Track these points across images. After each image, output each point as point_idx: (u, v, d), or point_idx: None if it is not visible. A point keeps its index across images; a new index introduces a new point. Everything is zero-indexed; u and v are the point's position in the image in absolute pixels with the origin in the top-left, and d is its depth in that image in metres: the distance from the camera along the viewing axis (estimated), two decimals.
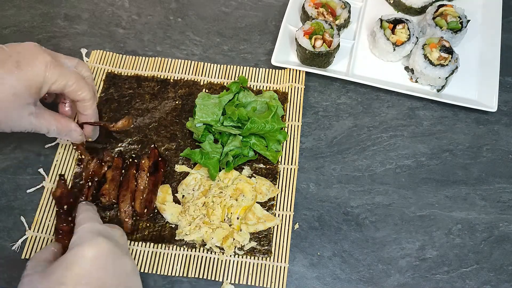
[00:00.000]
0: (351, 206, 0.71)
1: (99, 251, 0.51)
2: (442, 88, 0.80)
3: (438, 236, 0.69)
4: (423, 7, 0.86)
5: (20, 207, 0.70)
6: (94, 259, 0.50)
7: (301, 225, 0.70)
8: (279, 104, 0.76)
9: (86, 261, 0.50)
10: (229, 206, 0.68)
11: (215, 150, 0.71)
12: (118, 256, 0.53)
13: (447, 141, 0.77)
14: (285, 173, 0.73)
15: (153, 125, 0.76)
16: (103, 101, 0.78)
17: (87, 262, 0.50)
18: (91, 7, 0.89)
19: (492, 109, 0.77)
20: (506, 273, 0.67)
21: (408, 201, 0.72)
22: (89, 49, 0.84)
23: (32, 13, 0.87)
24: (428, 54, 0.78)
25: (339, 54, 0.81)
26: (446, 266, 0.67)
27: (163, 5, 0.90)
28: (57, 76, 0.59)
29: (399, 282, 0.66)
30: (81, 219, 0.58)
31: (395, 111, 0.80)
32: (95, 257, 0.51)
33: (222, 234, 0.66)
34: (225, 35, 0.87)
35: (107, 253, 0.52)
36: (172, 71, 0.82)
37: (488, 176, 0.74)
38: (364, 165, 0.75)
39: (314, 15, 0.82)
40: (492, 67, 0.81)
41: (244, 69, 0.82)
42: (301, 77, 0.81)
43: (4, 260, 0.66)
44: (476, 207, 0.72)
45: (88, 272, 0.50)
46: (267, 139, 0.73)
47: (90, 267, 0.50)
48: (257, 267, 0.66)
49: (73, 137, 0.66)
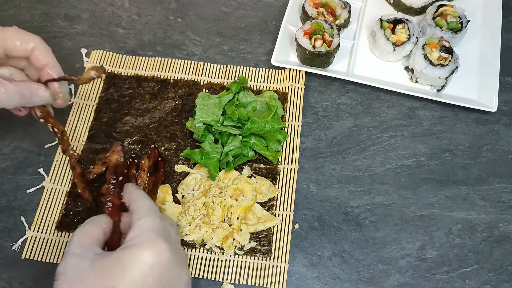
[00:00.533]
0: (351, 206, 0.71)
1: (159, 257, 0.47)
2: (442, 88, 0.80)
3: (438, 236, 0.69)
4: (423, 7, 0.86)
5: (20, 207, 0.70)
6: (152, 266, 0.46)
7: (301, 225, 0.70)
8: (279, 104, 0.76)
9: (144, 267, 0.46)
10: (229, 206, 0.68)
11: (215, 150, 0.71)
12: (176, 266, 0.49)
13: (447, 141, 0.77)
14: (285, 173, 0.73)
15: (153, 125, 0.76)
16: (103, 101, 0.78)
17: (145, 269, 0.46)
18: (91, 7, 0.89)
19: (492, 109, 0.77)
20: (506, 273, 0.67)
21: (408, 201, 0.72)
22: (89, 49, 0.84)
23: (32, 13, 0.87)
24: (428, 54, 0.78)
25: (339, 54, 0.81)
26: (446, 266, 0.67)
27: (163, 5, 0.90)
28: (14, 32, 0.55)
29: (399, 282, 0.66)
30: (139, 209, 0.52)
31: (395, 111, 0.80)
32: (154, 263, 0.46)
33: (222, 234, 0.66)
34: (225, 35, 0.87)
35: (166, 261, 0.47)
36: (172, 71, 0.82)
37: (488, 176, 0.74)
38: (364, 165, 0.75)
39: (314, 15, 0.82)
40: (492, 67, 0.81)
41: (244, 69, 0.82)
42: (301, 77, 0.81)
43: (4, 260, 0.66)
44: (476, 207, 0.72)
45: (144, 280, 0.45)
46: (267, 139, 0.73)
47: (147, 275, 0.45)
48: (257, 267, 0.66)
49: (41, 95, 0.56)
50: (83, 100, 0.78)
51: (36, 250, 0.66)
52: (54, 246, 0.67)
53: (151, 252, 0.46)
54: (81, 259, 0.47)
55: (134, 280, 0.45)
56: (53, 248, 0.67)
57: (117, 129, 0.76)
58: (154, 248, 0.47)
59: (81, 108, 0.78)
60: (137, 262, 0.46)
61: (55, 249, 0.66)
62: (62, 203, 0.69)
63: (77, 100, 0.78)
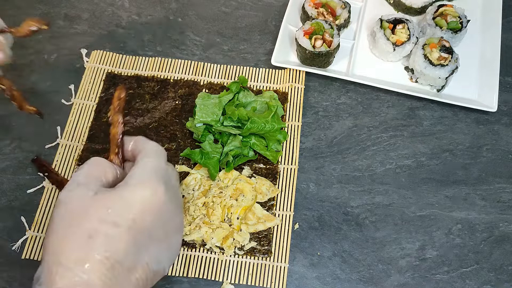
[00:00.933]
0: (351, 206, 0.71)
1: (158, 199, 0.47)
2: (442, 88, 0.80)
3: (438, 236, 0.69)
4: (423, 7, 0.86)
5: (20, 207, 0.70)
6: (151, 206, 0.47)
7: (301, 225, 0.70)
8: (279, 104, 0.76)
9: (144, 206, 0.46)
10: (229, 206, 0.68)
11: (215, 150, 0.71)
12: (172, 210, 0.50)
13: (447, 141, 0.77)
14: (285, 173, 0.73)
15: (153, 125, 0.76)
16: (103, 101, 0.78)
17: (145, 208, 0.46)
18: (91, 7, 0.89)
19: (492, 109, 0.77)
20: (506, 273, 0.67)
21: (408, 201, 0.72)
22: (89, 49, 0.84)
23: (32, 13, 0.87)
24: (428, 54, 0.78)
25: (339, 54, 0.81)
26: (446, 266, 0.67)
27: (163, 5, 0.90)
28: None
29: (399, 282, 0.66)
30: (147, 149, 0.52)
31: (395, 111, 0.80)
32: (153, 204, 0.47)
33: (222, 234, 0.66)
34: (225, 35, 0.87)
35: (163, 204, 0.48)
36: (172, 71, 0.82)
37: (488, 176, 0.74)
38: (364, 165, 0.75)
39: (314, 15, 0.82)
40: (492, 67, 0.81)
41: (244, 69, 0.82)
42: (301, 77, 0.81)
43: (4, 260, 0.66)
44: (476, 207, 0.72)
45: (142, 219, 0.46)
46: (267, 139, 0.73)
47: (146, 214, 0.46)
48: (257, 267, 0.66)
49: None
50: (83, 100, 0.78)
51: (36, 250, 0.66)
52: None
53: (152, 192, 0.47)
54: (85, 190, 0.47)
55: (133, 217, 0.45)
56: None
57: None
58: (155, 189, 0.48)
59: (81, 108, 0.78)
60: (138, 201, 0.46)
61: None
62: None
63: (77, 100, 0.78)
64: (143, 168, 0.50)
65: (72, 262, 0.43)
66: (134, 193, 0.47)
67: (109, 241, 0.44)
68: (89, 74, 0.81)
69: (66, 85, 0.80)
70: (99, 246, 0.43)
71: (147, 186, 0.47)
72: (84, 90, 0.79)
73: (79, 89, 0.79)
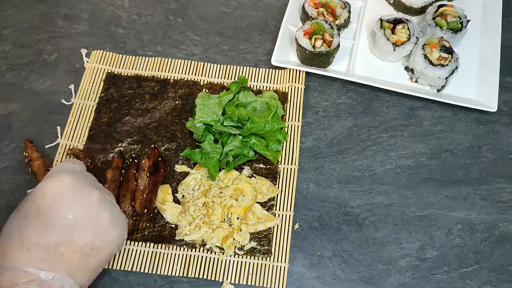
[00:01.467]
0: (351, 206, 0.71)
1: (60, 184, 0.56)
2: (442, 88, 0.80)
3: (438, 236, 0.69)
4: (423, 7, 0.86)
5: None
6: (53, 191, 0.55)
7: (301, 225, 0.70)
8: (279, 104, 0.76)
9: (46, 194, 0.55)
10: (229, 206, 0.68)
11: (215, 150, 0.71)
12: (82, 188, 0.57)
13: (447, 141, 0.77)
14: (285, 173, 0.73)
15: (153, 125, 0.76)
16: (103, 101, 0.78)
17: (47, 195, 0.55)
18: (91, 7, 0.89)
19: (492, 109, 0.77)
20: (507, 273, 0.67)
21: (408, 201, 0.72)
22: (89, 49, 0.84)
23: (32, 13, 0.87)
24: (428, 54, 0.78)
25: (339, 54, 0.81)
26: (446, 266, 0.67)
27: (163, 5, 0.90)
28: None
29: (399, 282, 0.66)
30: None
31: (395, 111, 0.80)
32: (56, 189, 0.55)
33: (222, 234, 0.66)
34: (225, 35, 0.87)
35: (68, 186, 0.56)
36: (172, 71, 0.81)
37: (488, 176, 0.74)
38: (364, 165, 0.75)
39: (314, 15, 0.82)
40: (492, 67, 0.81)
41: (244, 69, 0.82)
42: (301, 77, 0.81)
43: None
44: (476, 207, 0.72)
45: (48, 204, 0.54)
46: (267, 139, 0.73)
47: (50, 200, 0.54)
48: (257, 267, 0.66)
49: None
50: (83, 100, 0.78)
51: None
52: None
53: (52, 181, 0.56)
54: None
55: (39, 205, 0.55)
56: None
57: (117, 129, 0.76)
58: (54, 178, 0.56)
59: (81, 108, 0.78)
60: (41, 190, 0.56)
61: None
62: None
63: (77, 100, 0.78)
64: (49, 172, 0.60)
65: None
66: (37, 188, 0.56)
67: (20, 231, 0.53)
68: (89, 74, 0.81)
69: (66, 85, 0.80)
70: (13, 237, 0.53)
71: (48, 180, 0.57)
72: (84, 90, 0.79)
73: (79, 89, 0.79)
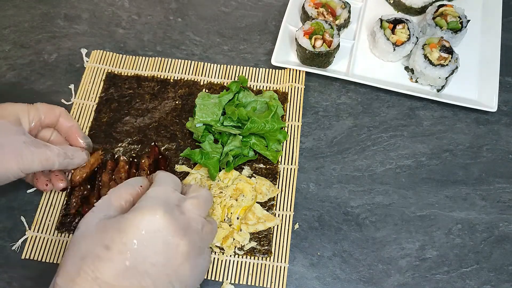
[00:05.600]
0: (351, 206, 0.71)
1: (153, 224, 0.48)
2: (442, 88, 0.80)
3: (438, 236, 0.69)
4: (423, 7, 0.86)
5: (20, 207, 0.70)
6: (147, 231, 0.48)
7: (301, 225, 0.70)
8: (279, 104, 0.76)
9: (137, 231, 0.47)
10: (229, 206, 0.68)
11: (215, 150, 0.71)
12: (172, 234, 0.49)
13: (447, 141, 0.77)
14: (285, 173, 0.73)
15: (153, 125, 0.76)
16: (103, 101, 0.78)
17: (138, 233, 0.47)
18: (91, 7, 0.89)
19: (492, 109, 0.77)
20: (507, 273, 0.67)
21: (408, 201, 0.72)
22: (89, 49, 0.84)
23: (32, 13, 0.87)
24: (428, 54, 0.78)
25: (339, 54, 0.81)
26: (446, 266, 0.67)
27: (163, 5, 0.90)
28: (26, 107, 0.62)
29: (399, 282, 0.66)
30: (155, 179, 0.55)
31: (395, 111, 0.80)
32: (148, 229, 0.48)
33: (222, 234, 0.66)
34: (225, 35, 0.87)
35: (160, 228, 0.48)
36: (172, 71, 0.82)
37: (488, 176, 0.74)
38: (364, 165, 0.75)
39: (314, 15, 0.82)
40: (492, 67, 0.81)
41: (244, 69, 0.82)
42: (301, 77, 0.81)
43: (4, 260, 0.66)
44: (476, 207, 0.72)
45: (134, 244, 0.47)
46: (267, 139, 0.73)
47: (139, 239, 0.47)
48: (257, 267, 0.66)
49: (80, 156, 0.65)
50: (83, 100, 0.78)
51: (36, 250, 0.66)
52: (54, 246, 0.67)
53: (146, 217, 0.48)
54: (94, 217, 0.50)
55: (125, 242, 0.47)
56: (53, 248, 0.67)
57: (117, 129, 0.76)
58: (150, 214, 0.49)
59: (81, 108, 0.78)
60: (131, 226, 0.48)
61: (55, 249, 0.66)
62: (62, 203, 0.69)
63: (77, 100, 0.78)
64: (146, 196, 0.52)
65: (64, 281, 0.46)
66: (128, 220, 0.48)
67: (98, 263, 0.46)
68: (89, 74, 0.81)
69: (66, 85, 0.80)
70: (87, 267, 0.46)
71: (142, 212, 0.49)
72: (84, 90, 0.79)
73: (79, 89, 0.79)
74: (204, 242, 0.54)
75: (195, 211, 0.53)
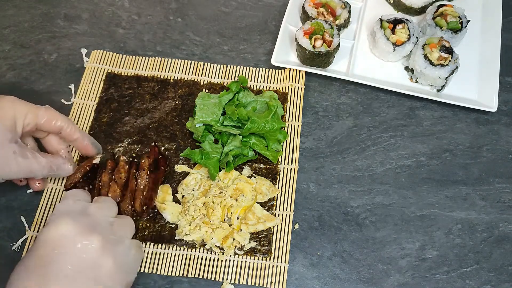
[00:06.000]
0: (351, 206, 0.71)
1: (57, 232, 0.53)
2: (442, 88, 0.80)
3: (438, 236, 0.69)
4: (423, 7, 0.86)
5: (20, 207, 0.70)
6: (52, 240, 0.52)
7: (301, 225, 0.70)
8: (279, 104, 0.76)
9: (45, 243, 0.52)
10: (229, 206, 0.68)
11: (215, 150, 0.71)
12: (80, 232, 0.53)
13: (447, 141, 0.77)
14: (285, 173, 0.73)
15: (153, 125, 0.76)
16: (103, 101, 0.78)
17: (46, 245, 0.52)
18: (91, 7, 0.89)
19: (492, 109, 0.77)
20: (506, 273, 0.67)
21: (408, 201, 0.72)
22: (89, 49, 0.84)
23: (32, 13, 0.87)
24: (428, 54, 0.78)
25: (339, 54, 0.81)
26: (446, 266, 0.67)
27: (163, 5, 0.90)
28: (27, 109, 0.62)
29: (399, 282, 0.66)
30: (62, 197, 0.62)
31: (395, 111, 0.80)
32: (53, 238, 0.52)
33: (222, 234, 0.66)
34: (225, 35, 0.87)
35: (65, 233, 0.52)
36: (172, 71, 0.82)
37: (488, 176, 0.74)
38: (364, 165, 0.75)
39: (314, 15, 0.82)
40: (492, 67, 0.81)
41: (244, 69, 0.82)
42: (301, 77, 0.81)
43: (4, 260, 0.66)
44: (476, 207, 0.72)
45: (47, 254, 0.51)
46: (267, 139, 0.73)
47: (49, 249, 0.52)
48: (257, 267, 0.66)
49: (65, 169, 0.67)
50: (83, 100, 0.78)
51: None
52: None
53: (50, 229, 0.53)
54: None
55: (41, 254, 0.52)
56: None
57: (117, 129, 0.76)
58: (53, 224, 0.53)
59: (81, 108, 0.78)
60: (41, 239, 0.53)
61: None
62: None
63: (77, 100, 0.78)
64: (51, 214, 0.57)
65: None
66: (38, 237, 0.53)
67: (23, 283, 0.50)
68: (89, 74, 0.81)
69: (66, 85, 0.80)
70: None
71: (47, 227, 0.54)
72: (84, 90, 0.79)
73: (79, 89, 0.79)
74: (117, 233, 0.57)
75: (100, 211, 0.58)
